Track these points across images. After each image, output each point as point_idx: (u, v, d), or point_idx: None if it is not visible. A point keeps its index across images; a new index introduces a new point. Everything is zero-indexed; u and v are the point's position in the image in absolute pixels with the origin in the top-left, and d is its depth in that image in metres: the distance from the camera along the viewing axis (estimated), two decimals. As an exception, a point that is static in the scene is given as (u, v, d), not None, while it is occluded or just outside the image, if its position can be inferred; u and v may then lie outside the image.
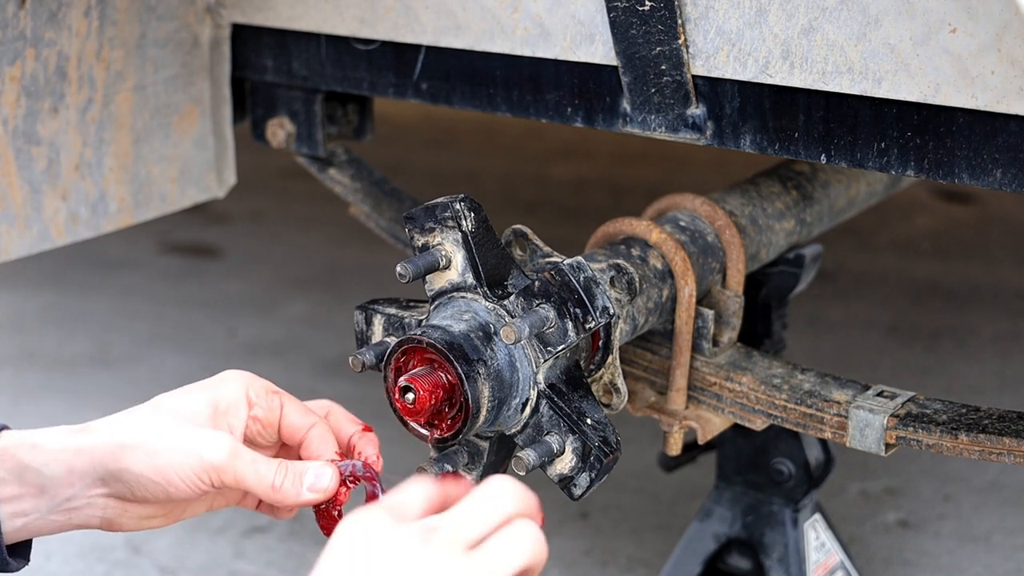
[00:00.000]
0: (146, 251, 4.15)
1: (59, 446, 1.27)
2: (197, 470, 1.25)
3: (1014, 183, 1.46)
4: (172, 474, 1.25)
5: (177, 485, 1.25)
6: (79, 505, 1.27)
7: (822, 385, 1.74)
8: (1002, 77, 1.41)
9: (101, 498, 1.27)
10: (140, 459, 1.25)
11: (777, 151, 1.63)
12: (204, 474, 1.25)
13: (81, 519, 1.28)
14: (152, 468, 1.25)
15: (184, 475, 1.25)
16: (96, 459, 1.26)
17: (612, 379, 1.59)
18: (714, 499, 2.06)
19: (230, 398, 1.33)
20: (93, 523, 1.29)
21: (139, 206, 2.07)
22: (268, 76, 2.07)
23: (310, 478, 1.29)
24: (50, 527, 1.28)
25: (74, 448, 1.27)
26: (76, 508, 1.28)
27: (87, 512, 1.28)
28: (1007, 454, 1.59)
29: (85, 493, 1.27)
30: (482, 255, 1.48)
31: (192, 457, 1.25)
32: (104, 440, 1.27)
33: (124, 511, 1.28)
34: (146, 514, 1.30)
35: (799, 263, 1.91)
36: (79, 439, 1.27)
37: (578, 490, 1.48)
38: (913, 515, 2.69)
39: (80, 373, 3.34)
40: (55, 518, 1.28)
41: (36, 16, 1.81)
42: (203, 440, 1.26)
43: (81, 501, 1.27)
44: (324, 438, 1.35)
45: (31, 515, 1.27)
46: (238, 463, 1.26)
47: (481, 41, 1.79)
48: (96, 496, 1.27)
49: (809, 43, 1.53)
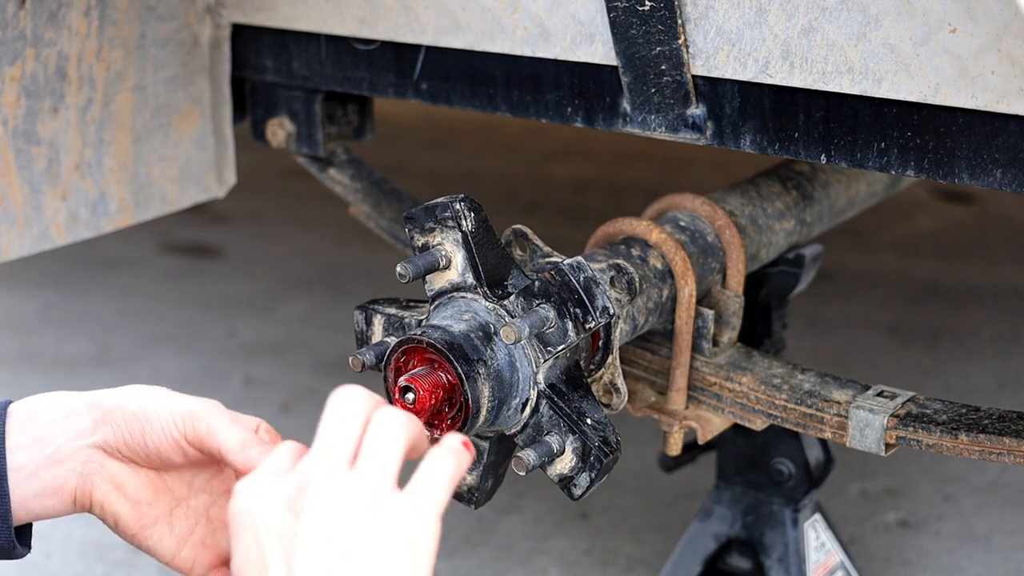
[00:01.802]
0: (146, 251, 4.15)
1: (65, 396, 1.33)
2: (176, 415, 1.28)
3: (1014, 183, 1.46)
4: (153, 413, 1.28)
5: (154, 424, 1.28)
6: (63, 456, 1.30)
7: (822, 385, 1.74)
8: (1002, 77, 1.41)
9: (85, 448, 1.30)
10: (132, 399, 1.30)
11: (777, 151, 1.63)
12: (180, 418, 1.28)
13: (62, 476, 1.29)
14: (138, 404, 1.29)
15: (164, 416, 1.28)
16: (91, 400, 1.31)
17: (612, 379, 1.59)
18: (714, 499, 2.06)
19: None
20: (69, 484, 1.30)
21: (139, 206, 2.07)
22: (268, 76, 2.07)
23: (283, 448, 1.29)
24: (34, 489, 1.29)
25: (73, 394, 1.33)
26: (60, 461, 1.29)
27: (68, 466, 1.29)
28: (1007, 454, 1.59)
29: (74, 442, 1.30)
30: (482, 255, 1.48)
31: (176, 404, 1.29)
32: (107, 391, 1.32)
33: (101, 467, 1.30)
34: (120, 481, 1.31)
35: (799, 263, 1.91)
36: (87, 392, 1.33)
37: (578, 490, 1.48)
38: (913, 515, 2.69)
39: (80, 373, 3.34)
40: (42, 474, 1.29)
41: (36, 16, 1.81)
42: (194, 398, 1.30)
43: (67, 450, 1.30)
44: None
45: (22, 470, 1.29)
46: (214, 415, 1.28)
47: (481, 41, 1.79)
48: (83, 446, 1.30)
49: (809, 43, 1.53)
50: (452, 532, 2.62)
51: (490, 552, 2.58)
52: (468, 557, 2.55)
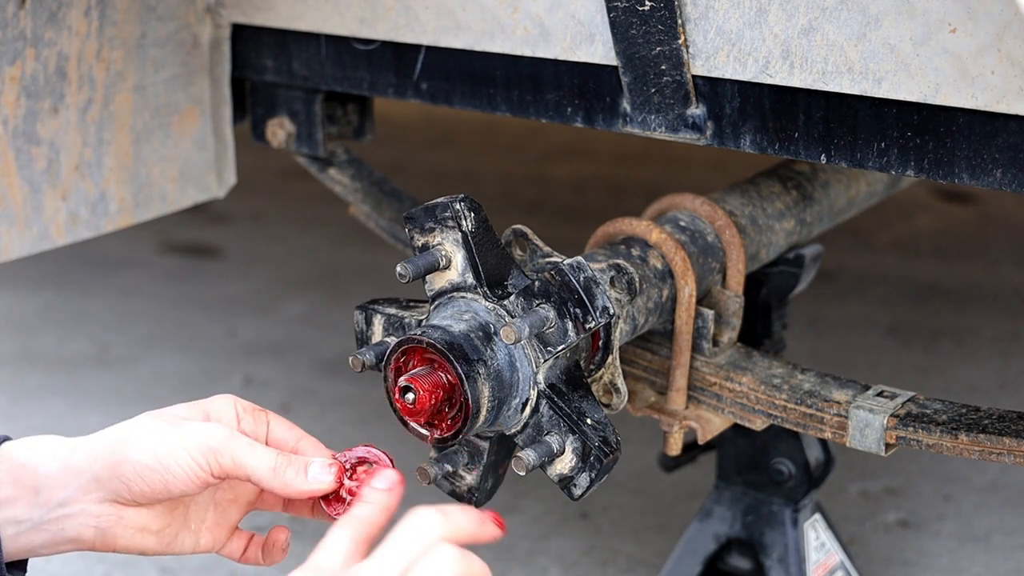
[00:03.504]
0: (146, 251, 4.15)
1: (56, 445, 1.28)
2: (195, 454, 1.25)
3: (1014, 183, 1.46)
4: (171, 461, 1.25)
5: (175, 473, 1.25)
6: (72, 512, 1.26)
7: (822, 385, 1.74)
8: (1002, 77, 1.41)
9: (95, 504, 1.26)
10: (139, 448, 1.25)
11: (777, 151, 1.63)
12: (202, 457, 1.25)
13: (74, 529, 1.27)
14: (151, 456, 1.25)
15: (183, 461, 1.25)
16: (93, 454, 1.26)
17: (612, 379, 1.59)
18: (714, 499, 2.06)
19: (219, 410, 1.34)
20: (86, 535, 1.27)
21: (139, 206, 2.07)
22: (268, 76, 2.07)
23: (315, 469, 1.29)
24: (42, 540, 1.27)
25: (71, 445, 1.28)
26: (69, 516, 1.26)
27: (80, 520, 1.27)
28: (1007, 454, 1.59)
29: (79, 497, 1.26)
30: (482, 255, 1.48)
31: (190, 442, 1.25)
32: (102, 439, 1.27)
33: (119, 519, 1.27)
34: (141, 524, 1.29)
35: (799, 263, 1.91)
36: (77, 440, 1.28)
37: (578, 490, 1.48)
38: (913, 515, 2.69)
39: (80, 373, 3.34)
40: (48, 528, 1.26)
41: (36, 16, 1.81)
42: (200, 427, 1.27)
43: (75, 507, 1.26)
44: (316, 446, 1.36)
45: (24, 523, 1.26)
46: (235, 445, 1.26)
47: (481, 41, 1.79)
48: (91, 502, 1.26)
49: (809, 43, 1.53)
50: (452, 532, 2.61)
51: (490, 552, 2.58)
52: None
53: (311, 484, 1.29)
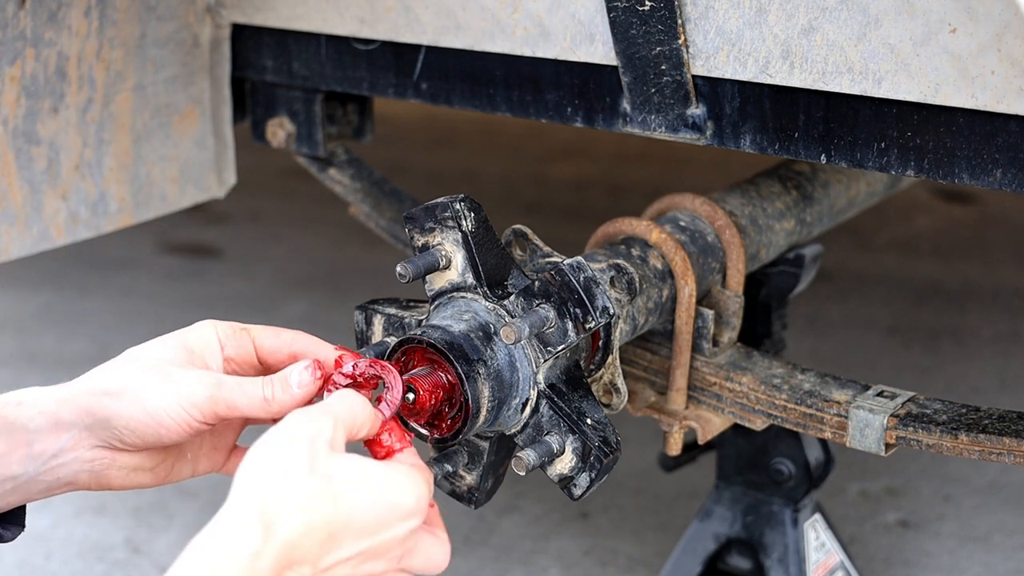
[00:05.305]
0: (146, 251, 4.15)
1: (44, 399, 1.29)
2: (187, 406, 1.25)
3: (1014, 183, 1.46)
4: (163, 415, 1.25)
5: (168, 425, 1.25)
6: (66, 460, 1.28)
7: (822, 385, 1.74)
8: (1002, 77, 1.41)
9: (88, 450, 1.28)
10: (128, 404, 1.26)
11: (777, 151, 1.63)
12: (194, 409, 1.25)
13: (69, 475, 1.28)
14: (142, 411, 1.26)
15: (175, 414, 1.25)
16: (82, 407, 1.27)
17: (612, 379, 1.59)
18: (714, 499, 2.06)
19: (202, 341, 1.33)
20: (82, 479, 1.29)
21: (139, 206, 2.07)
22: (268, 76, 2.07)
23: (295, 376, 1.29)
24: (39, 489, 1.28)
25: (58, 399, 1.28)
26: (63, 464, 1.27)
27: (74, 467, 1.28)
28: (1007, 454, 1.59)
29: (72, 446, 1.27)
30: (482, 255, 1.47)
31: (182, 394, 1.26)
32: (88, 388, 1.28)
33: (112, 461, 1.29)
34: (135, 464, 1.30)
35: (799, 263, 1.91)
36: (62, 391, 1.29)
37: (578, 490, 1.48)
38: (913, 515, 2.69)
39: (80, 373, 3.32)
40: (44, 479, 1.27)
41: (36, 16, 1.81)
42: (186, 381, 1.27)
43: (68, 456, 1.27)
44: (314, 343, 1.35)
45: (20, 478, 1.27)
46: (224, 391, 1.26)
47: (481, 41, 1.79)
48: (84, 448, 1.27)
49: (809, 43, 1.53)
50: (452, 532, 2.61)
51: (490, 552, 2.58)
52: (468, 557, 2.55)
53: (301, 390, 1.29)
